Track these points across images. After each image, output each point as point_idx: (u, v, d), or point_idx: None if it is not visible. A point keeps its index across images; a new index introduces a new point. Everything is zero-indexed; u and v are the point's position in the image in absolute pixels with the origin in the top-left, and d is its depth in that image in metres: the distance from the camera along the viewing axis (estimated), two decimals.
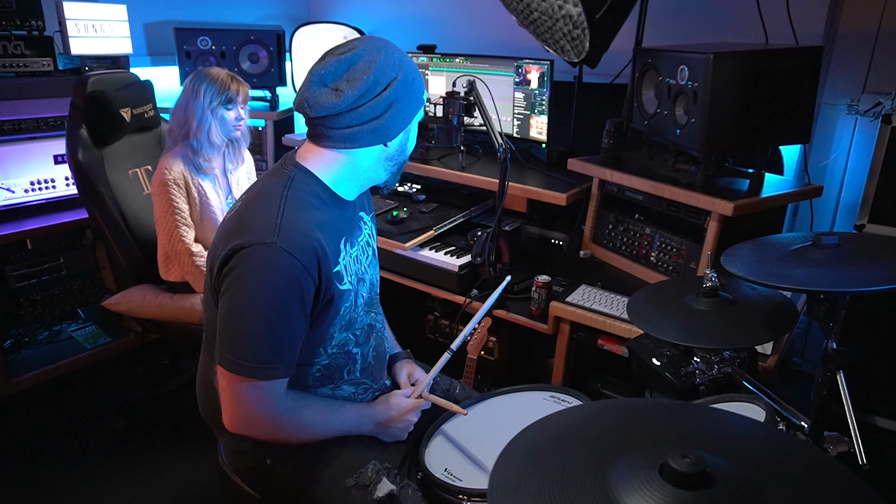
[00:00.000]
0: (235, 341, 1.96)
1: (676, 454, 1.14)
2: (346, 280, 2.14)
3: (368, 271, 2.34)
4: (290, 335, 2.00)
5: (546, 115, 4.07)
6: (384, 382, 2.51)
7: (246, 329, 1.94)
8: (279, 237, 1.92)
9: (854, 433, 1.81)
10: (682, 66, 3.00)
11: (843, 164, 3.91)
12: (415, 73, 2.09)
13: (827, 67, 3.80)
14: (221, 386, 2.04)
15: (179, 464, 3.81)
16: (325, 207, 2.11)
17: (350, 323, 2.22)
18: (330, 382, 2.27)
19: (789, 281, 1.81)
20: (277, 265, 1.91)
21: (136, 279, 3.92)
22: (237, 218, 2.06)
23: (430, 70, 4.57)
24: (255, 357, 1.95)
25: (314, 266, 1.98)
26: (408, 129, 2.16)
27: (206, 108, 3.50)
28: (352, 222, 2.27)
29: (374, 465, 2.18)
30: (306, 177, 2.11)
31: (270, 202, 2.02)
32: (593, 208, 3.75)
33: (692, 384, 2.40)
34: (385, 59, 2.00)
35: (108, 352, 4.60)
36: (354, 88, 1.96)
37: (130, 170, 3.98)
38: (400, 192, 4.33)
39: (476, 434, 2.35)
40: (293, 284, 1.94)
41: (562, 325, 3.36)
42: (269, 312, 1.93)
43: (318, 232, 2.02)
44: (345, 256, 2.15)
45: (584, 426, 1.41)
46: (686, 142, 3.06)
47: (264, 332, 1.94)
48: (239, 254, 1.93)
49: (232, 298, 1.95)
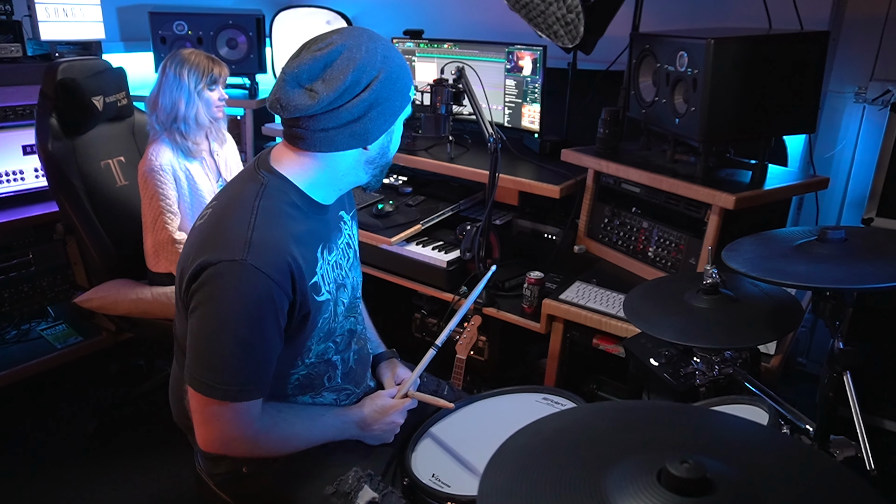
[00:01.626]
0: (207, 362, 1.93)
1: (675, 459, 1.13)
2: (323, 290, 2.11)
3: (350, 275, 2.32)
4: (265, 354, 1.98)
5: (538, 104, 4.06)
6: (368, 384, 2.50)
7: (218, 350, 1.92)
8: (250, 254, 1.88)
9: (861, 437, 1.81)
10: (682, 52, 2.99)
11: (851, 155, 3.91)
12: (399, 70, 2.02)
13: (833, 54, 3.80)
14: (193, 407, 2.02)
15: (154, 469, 3.79)
16: (301, 216, 2.08)
17: (329, 333, 2.20)
18: (310, 390, 2.26)
19: (793, 277, 1.81)
20: (249, 284, 1.88)
21: (109, 275, 3.90)
22: (208, 228, 2.02)
23: (417, 56, 4.56)
24: (230, 380, 1.93)
25: (288, 282, 1.95)
26: (391, 131, 2.11)
27: (192, 92, 3.55)
28: (330, 226, 2.24)
29: (356, 472, 2.17)
30: (280, 183, 2.07)
31: (242, 213, 1.98)
32: (588, 201, 3.75)
33: (692, 386, 2.40)
34: (366, 56, 1.94)
35: (79, 351, 4.57)
36: (331, 90, 1.90)
37: (103, 161, 3.96)
38: (385, 185, 4.31)
39: (465, 438, 2.35)
40: (266, 303, 1.91)
41: (555, 324, 3.35)
42: (243, 333, 1.90)
43: (293, 244, 1.99)
44: (322, 265, 2.12)
45: (579, 430, 1.40)
46: (685, 131, 3.06)
47: (237, 353, 1.92)
48: (208, 271, 1.90)
49: (202, 318, 1.92)
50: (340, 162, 2.08)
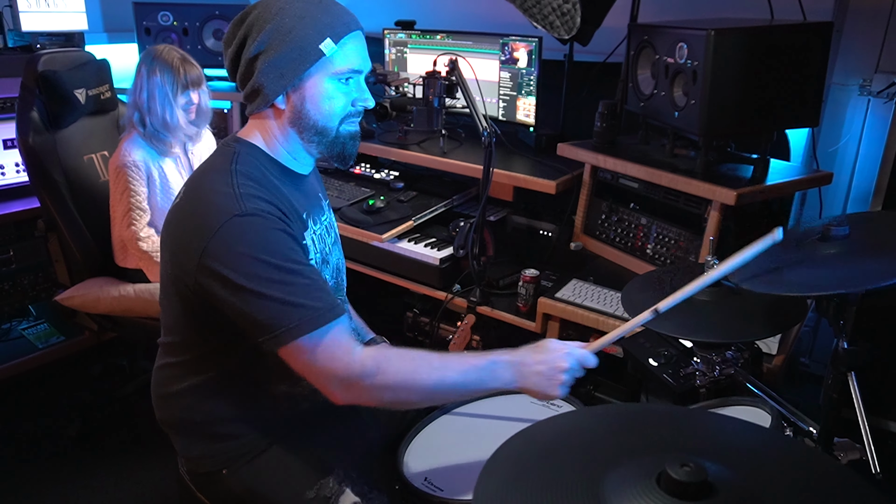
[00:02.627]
0: (275, 313, 1.88)
1: (675, 462, 1.13)
2: (312, 256, 2.12)
3: (333, 253, 2.33)
4: (316, 275, 1.97)
5: (534, 97, 4.05)
6: None
7: (276, 295, 1.88)
8: (246, 206, 1.89)
9: (866, 439, 1.81)
10: (681, 43, 2.98)
11: (855, 149, 3.91)
12: (295, 22, 1.99)
13: (837, 45, 3.78)
14: (304, 368, 1.95)
15: (138, 472, 3.78)
16: (276, 180, 2.09)
17: None
18: (288, 379, 2.21)
19: (796, 288, 1.81)
20: (260, 227, 1.89)
21: (91, 272, 3.90)
22: (190, 205, 2.01)
23: (408, 48, 4.54)
24: (305, 310, 1.89)
25: (288, 225, 1.96)
26: (301, 87, 2.05)
27: (165, 96, 3.57)
28: (310, 199, 2.25)
29: (337, 475, 2.17)
30: (251, 149, 2.10)
31: (221, 178, 1.98)
32: (585, 197, 3.74)
33: (692, 387, 2.39)
34: (262, 11, 2.00)
35: (61, 351, 4.57)
36: (231, 45, 2.01)
37: (86, 155, 3.95)
38: (376, 180, 4.32)
39: (459, 440, 2.34)
40: (283, 235, 1.92)
41: (551, 323, 3.35)
42: (287, 265, 1.90)
43: (279, 202, 2.00)
44: (311, 231, 2.14)
45: (575, 434, 1.39)
46: (685, 125, 3.05)
47: (294, 284, 1.90)
48: (213, 241, 1.88)
49: (238, 290, 1.88)
50: (271, 126, 2.12)
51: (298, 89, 2.05)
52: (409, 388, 1.96)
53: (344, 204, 3.96)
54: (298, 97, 2.06)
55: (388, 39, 4.59)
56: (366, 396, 1.96)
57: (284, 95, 2.06)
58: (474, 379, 1.99)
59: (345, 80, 2.09)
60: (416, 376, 1.96)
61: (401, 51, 4.56)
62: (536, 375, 2.00)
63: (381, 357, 1.94)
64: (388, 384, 1.94)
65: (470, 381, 1.99)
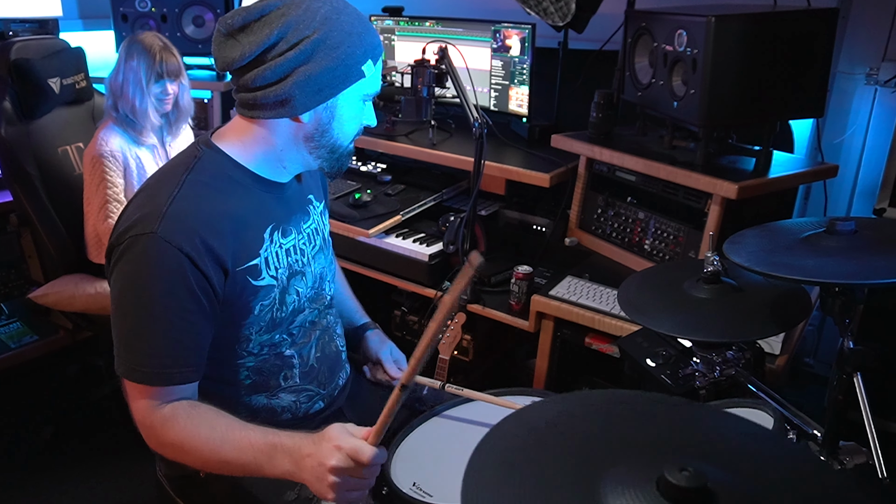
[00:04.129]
0: (122, 341, 1.95)
1: (674, 466, 1.12)
2: (265, 275, 2.10)
3: (312, 264, 2.31)
4: (184, 335, 1.95)
5: (527, 86, 4.04)
6: (337, 384, 2.48)
7: (132, 328, 1.93)
8: (161, 226, 1.87)
9: (873, 443, 1.80)
10: (680, 30, 2.98)
11: (861, 141, 3.91)
12: (344, 37, 1.95)
13: (843, 32, 3.79)
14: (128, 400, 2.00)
15: (115, 477, 3.78)
16: (241, 192, 2.07)
17: (274, 324, 2.18)
18: (265, 390, 2.23)
19: (800, 272, 1.79)
20: (157, 257, 1.88)
21: (66, 269, 3.89)
22: (133, 203, 2.03)
23: (396, 35, 4.53)
24: (144, 361, 1.92)
25: (204, 259, 1.92)
26: (333, 107, 2.03)
27: (138, 81, 3.56)
28: (290, 207, 2.24)
29: None
30: (216, 156, 2.06)
31: (167, 186, 1.98)
32: (580, 190, 3.74)
33: (691, 388, 2.38)
34: (303, 13, 1.91)
35: (34, 351, 4.55)
36: (254, 41, 1.89)
37: (60, 147, 3.95)
38: (363, 173, 4.30)
39: (448, 444, 2.33)
40: (177, 278, 1.89)
41: (544, 322, 3.34)
42: (156, 309, 1.90)
43: (222, 221, 1.98)
44: (269, 247, 2.11)
45: (570, 423, 1.38)
46: (684, 115, 3.05)
47: (153, 331, 1.91)
48: (121, 246, 1.91)
49: (115, 295, 1.95)
50: (275, 134, 2.06)
51: (330, 107, 2.02)
52: (187, 453, 1.94)
53: (329, 198, 3.93)
54: (327, 114, 2.03)
55: (374, 26, 4.55)
56: (156, 448, 2.02)
57: (314, 111, 2.02)
58: (251, 460, 1.89)
59: (368, 101, 2.11)
60: (194, 443, 1.92)
61: (388, 38, 4.54)
62: (309, 471, 1.84)
63: (171, 415, 1.94)
64: (170, 442, 1.94)
65: (247, 461, 1.89)
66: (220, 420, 1.94)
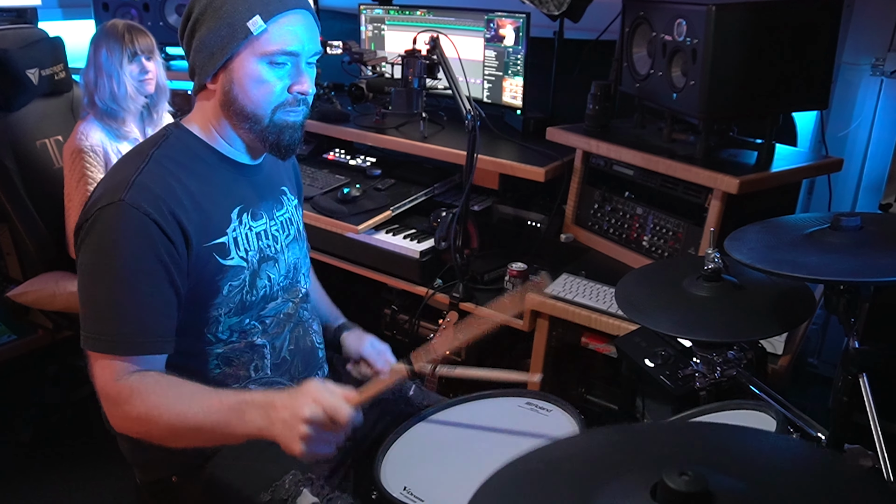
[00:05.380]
0: (89, 311, 1.96)
1: (673, 471, 1.12)
2: (234, 255, 2.12)
3: (286, 252, 2.33)
4: (151, 302, 1.96)
5: (521, 77, 4.04)
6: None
7: (98, 297, 1.95)
8: (128, 193, 1.92)
9: (879, 446, 1.80)
10: (680, 19, 2.98)
11: (867, 134, 3.91)
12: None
13: (848, 21, 3.78)
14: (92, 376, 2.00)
15: (95, 482, 3.77)
16: (207, 171, 2.12)
17: (243, 307, 2.19)
18: (235, 381, 2.23)
19: (803, 269, 1.79)
20: (124, 222, 1.91)
21: (45, 266, 3.87)
22: (100, 184, 2.09)
23: (386, 24, 4.53)
24: (110, 329, 1.93)
25: (172, 227, 1.96)
26: (230, 70, 2.05)
27: (112, 66, 3.55)
28: (261, 192, 2.27)
29: (294, 476, 2.17)
30: (184, 135, 2.14)
31: (133, 161, 2.03)
32: (576, 185, 3.74)
33: (691, 389, 2.38)
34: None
35: (12, 351, 4.53)
36: (181, 20, 2.07)
37: (39, 140, 3.94)
38: (351, 167, 4.31)
39: (440, 447, 2.32)
40: (144, 241, 1.92)
41: (539, 321, 3.33)
42: (123, 274, 1.92)
43: (188, 196, 2.02)
44: (237, 228, 2.14)
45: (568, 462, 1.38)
46: (684, 107, 3.05)
47: (119, 299, 1.93)
48: (89, 220, 1.95)
49: (82, 267, 1.97)
50: (207, 108, 2.14)
51: (226, 70, 2.05)
52: (153, 423, 1.91)
53: (317, 192, 3.95)
54: (227, 79, 2.06)
55: (363, 15, 4.58)
56: (120, 425, 2.00)
57: (214, 76, 2.07)
58: (221, 419, 1.88)
59: (277, 63, 2.06)
60: (161, 410, 1.90)
61: (378, 28, 4.54)
62: (281, 423, 1.83)
63: (138, 385, 1.93)
64: (135, 415, 1.92)
65: (217, 421, 1.88)
66: (190, 385, 1.95)
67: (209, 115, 2.13)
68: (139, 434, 1.99)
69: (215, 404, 1.89)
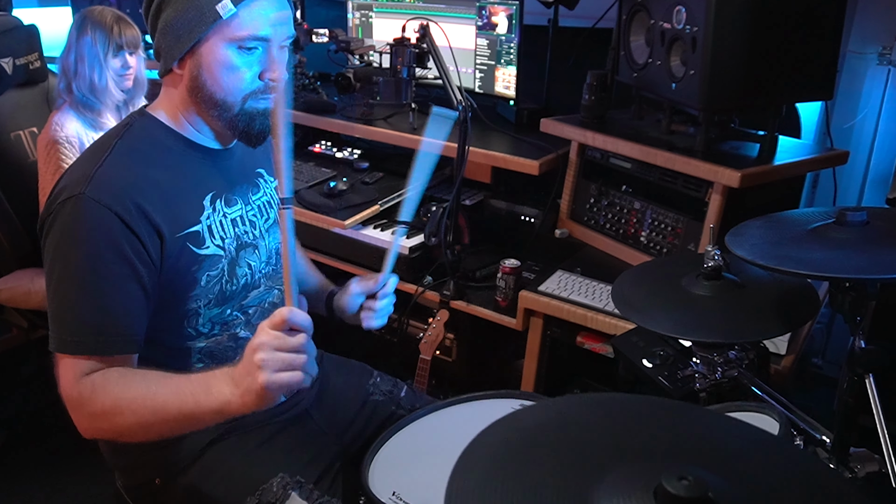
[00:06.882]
0: (52, 312, 1.95)
1: (672, 475, 1.12)
2: (210, 243, 2.12)
3: (266, 238, 2.33)
4: (114, 301, 1.95)
5: (514, 67, 4.04)
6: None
7: (61, 297, 1.95)
8: (89, 187, 1.92)
9: (886, 449, 1.80)
10: (679, 6, 2.98)
11: (873, 125, 3.92)
12: None
13: (853, 8, 3.79)
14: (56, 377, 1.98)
15: (72, 488, 3.78)
16: (174, 157, 2.12)
17: (224, 297, 2.19)
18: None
19: (807, 266, 1.79)
20: (84, 217, 1.91)
21: (20, 263, 3.88)
22: (63, 176, 2.08)
23: (374, 12, 4.52)
24: (72, 330, 1.92)
25: (137, 220, 1.95)
26: (197, 55, 2.03)
27: (96, 56, 3.54)
28: (233, 176, 2.26)
29: (281, 479, 2.18)
30: (148, 123, 2.13)
31: (95, 153, 2.04)
32: (571, 178, 3.74)
33: (690, 390, 2.38)
34: None
35: None
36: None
37: (13, 132, 3.94)
38: (338, 159, 4.30)
39: (430, 450, 2.33)
40: (105, 238, 1.92)
41: (533, 320, 3.34)
42: (83, 274, 1.92)
43: (156, 185, 2.02)
44: (211, 215, 2.14)
45: (561, 427, 1.38)
46: (683, 98, 3.05)
47: (80, 299, 1.93)
48: (49, 217, 1.97)
49: (48, 270, 1.97)
50: (175, 93, 2.13)
51: (194, 55, 2.03)
52: (119, 414, 1.90)
53: (302, 186, 3.93)
54: (194, 64, 2.04)
55: (351, 3, 4.57)
56: (87, 427, 1.98)
57: (181, 61, 2.06)
58: (188, 398, 1.85)
59: (247, 49, 2.04)
60: (126, 400, 1.89)
61: (366, 15, 4.54)
62: (241, 378, 1.79)
63: (102, 381, 1.92)
64: (100, 411, 1.91)
65: (184, 400, 1.85)
66: (154, 373, 1.94)
67: (176, 102, 2.12)
68: (108, 433, 2.00)
69: (182, 384, 1.88)
